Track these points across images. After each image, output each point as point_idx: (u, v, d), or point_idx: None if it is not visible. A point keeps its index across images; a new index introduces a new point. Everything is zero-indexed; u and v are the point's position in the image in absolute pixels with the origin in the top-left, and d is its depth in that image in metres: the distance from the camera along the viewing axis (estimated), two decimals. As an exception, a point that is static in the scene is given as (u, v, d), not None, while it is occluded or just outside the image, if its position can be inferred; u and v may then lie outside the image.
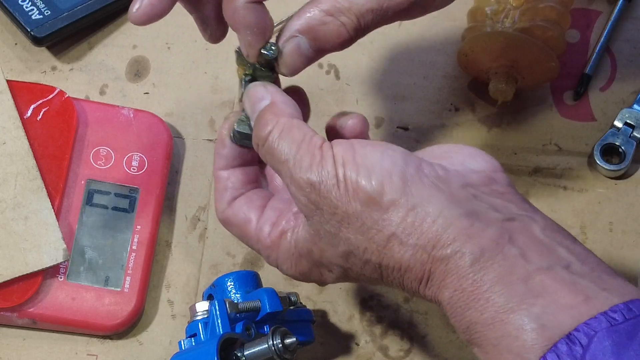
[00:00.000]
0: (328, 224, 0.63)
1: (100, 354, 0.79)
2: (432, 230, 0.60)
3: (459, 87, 0.89)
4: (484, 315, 0.59)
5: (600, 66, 0.90)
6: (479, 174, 0.65)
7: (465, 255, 0.59)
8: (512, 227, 0.61)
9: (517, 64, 0.84)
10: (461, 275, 0.59)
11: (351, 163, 0.62)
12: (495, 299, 0.58)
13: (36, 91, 0.83)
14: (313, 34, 0.67)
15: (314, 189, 0.63)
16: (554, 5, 0.84)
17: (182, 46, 0.90)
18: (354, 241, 0.63)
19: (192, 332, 0.74)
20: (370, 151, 0.63)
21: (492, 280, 0.59)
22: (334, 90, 0.89)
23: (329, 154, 0.63)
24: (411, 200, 0.61)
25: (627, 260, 0.83)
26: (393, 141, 0.86)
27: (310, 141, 0.64)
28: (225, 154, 0.70)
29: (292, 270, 0.68)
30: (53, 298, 0.78)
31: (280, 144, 0.65)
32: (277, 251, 0.68)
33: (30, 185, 0.79)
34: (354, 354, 0.80)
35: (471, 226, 0.60)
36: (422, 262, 0.61)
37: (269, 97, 0.67)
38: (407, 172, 0.62)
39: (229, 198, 0.70)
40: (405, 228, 0.61)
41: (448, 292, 0.60)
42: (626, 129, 0.86)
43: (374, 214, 0.62)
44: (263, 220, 0.68)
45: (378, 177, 0.62)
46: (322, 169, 0.63)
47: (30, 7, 0.87)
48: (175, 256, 0.83)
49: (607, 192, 0.86)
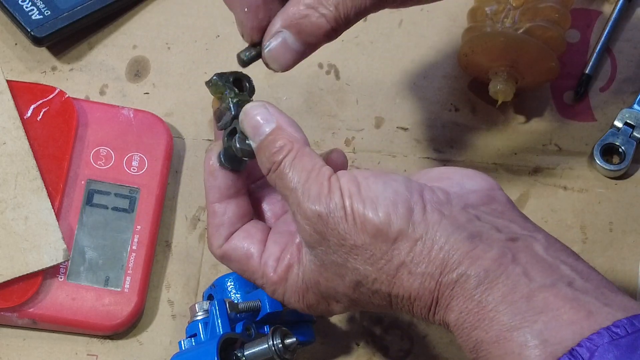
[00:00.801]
0: (335, 254, 0.63)
1: (100, 354, 0.79)
2: (439, 257, 0.61)
3: (459, 87, 0.89)
4: (489, 334, 0.59)
5: (600, 66, 0.90)
6: (477, 194, 0.65)
7: (471, 278, 0.60)
8: (515, 247, 0.61)
9: (517, 64, 0.84)
10: (467, 298, 0.60)
11: (357, 195, 0.63)
12: (500, 317, 0.59)
13: (36, 91, 0.83)
14: (296, 28, 0.67)
15: (321, 220, 0.63)
16: (554, 5, 0.84)
17: (182, 46, 0.90)
18: (363, 271, 0.63)
19: (192, 332, 0.74)
20: (373, 182, 0.63)
21: (496, 300, 0.60)
22: (334, 90, 0.89)
23: (337, 185, 0.63)
24: (418, 230, 0.62)
25: (627, 260, 0.83)
26: (393, 141, 0.87)
27: (319, 171, 0.64)
28: (218, 185, 0.69)
29: (299, 303, 0.68)
30: (53, 298, 0.78)
31: (291, 171, 0.64)
32: (284, 286, 0.67)
33: (30, 185, 0.79)
34: (354, 354, 0.80)
35: (475, 248, 0.61)
36: (430, 290, 0.62)
37: (273, 119, 0.66)
38: (412, 200, 0.63)
39: (226, 233, 0.69)
40: (414, 257, 0.62)
41: (454, 314, 0.61)
42: (626, 129, 0.86)
43: (382, 245, 0.62)
44: (267, 255, 0.68)
45: (384, 209, 0.62)
46: (330, 201, 0.63)
47: (30, 7, 0.87)
48: (175, 256, 0.83)
49: (607, 192, 0.86)
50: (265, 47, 0.68)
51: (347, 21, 0.68)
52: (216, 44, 0.90)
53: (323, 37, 0.68)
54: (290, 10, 0.67)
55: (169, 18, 0.91)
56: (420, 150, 0.87)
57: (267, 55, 0.68)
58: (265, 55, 0.68)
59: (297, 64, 0.69)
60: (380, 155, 0.86)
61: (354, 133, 0.87)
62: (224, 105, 0.69)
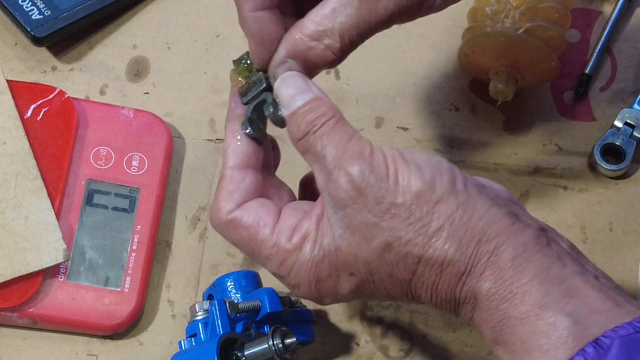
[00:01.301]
0: (370, 212, 0.63)
1: (100, 354, 0.79)
2: (478, 226, 0.62)
3: (459, 87, 0.89)
4: (519, 309, 0.60)
5: (600, 66, 0.90)
6: (504, 192, 0.67)
7: (509, 249, 0.61)
8: (547, 235, 0.63)
9: (517, 64, 0.84)
10: (502, 268, 0.61)
11: (401, 160, 0.64)
12: (533, 292, 0.60)
13: (36, 91, 0.83)
14: (301, 59, 0.68)
15: (362, 176, 0.63)
16: (554, 5, 0.84)
17: (182, 46, 0.90)
18: (397, 232, 0.63)
19: (192, 332, 0.74)
20: (417, 153, 0.65)
21: (531, 274, 0.61)
22: (334, 90, 0.89)
23: (379, 150, 0.64)
24: (460, 198, 0.63)
25: (627, 260, 0.83)
26: (393, 141, 0.87)
27: (360, 138, 0.65)
28: (240, 151, 0.69)
29: (308, 274, 0.66)
30: (53, 298, 0.78)
31: (333, 132, 0.65)
32: (296, 255, 0.66)
33: (31, 185, 0.79)
34: (354, 354, 0.80)
35: (513, 224, 0.62)
36: (467, 256, 0.62)
37: (311, 89, 0.67)
38: (455, 171, 0.64)
39: (240, 200, 0.68)
40: (453, 222, 0.62)
41: (487, 284, 0.61)
42: (626, 129, 0.86)
43: (423, 207, 0.63)
44: (282, 225, 0.67)
45: (429, 173, 0.63)
46: (373, 159, 0.64)
47: (30, 7, 0.87)
48: (175, 256, 0.83)
49: (607, 192, 0.86)
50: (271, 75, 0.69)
51: (353, 46, 0.69)
52: (216, 44, 0.90)
53: (329, 65, 0.69)
54: (294, 41, 0.68)
55: (169, 18, 0.91)
56: (420, 150, 0.87)
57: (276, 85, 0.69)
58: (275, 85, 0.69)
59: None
60: (380, 155, 0.86)
61: (354, 133, 0.87)
62: (254, 79, 0.70)
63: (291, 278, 0.67)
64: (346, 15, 0.67)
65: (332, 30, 0.67)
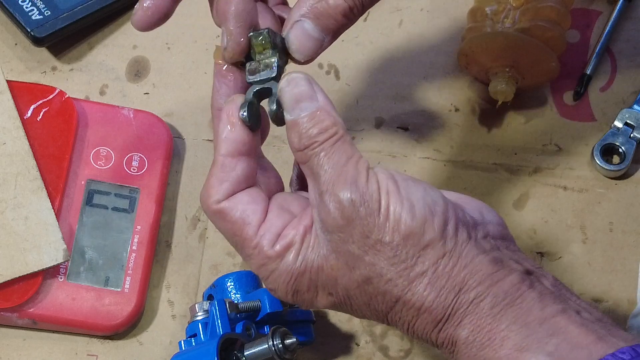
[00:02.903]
0: (354, 244, 0.62)
1: (100, 354, 0.79)
2: (461, 275, 0.61)
3: (459, 87, 0.89)
4: (499, 354, 0.60)
5: (600, 66, 0.90)
6: (495, 227, 0.65)
7: (488, 298, 0.61)
8: (530, 278, 0.62)
9: (517, 64, 0.84)
10: (480, 316, 0.61)
11: (395, 194, 0.62)
12: (512, 337, 0.60)
13: (36, 91, 0.83)
14: (314, 13, 0.66)
15: (353, 207, 0.62)
16: (554, 5, 0.84)
17: (182, 46, 0.90)
18: (379, 269, 0.62)
19: (192, 332, 0.74)
20: (413, 186, 0.63)
21: (509, 320, 0.60)
22: (334, 90, 0.89)
23: (374, 178, 0.63)
24: (448, 245, 0.62)
25: (627, 260, 0.83)
26: (393, 141, 0.87)
27: (359, 160, 0.63)
28: (235, 138, 0.66)
29: (286, 285, 0.65)
30: (53, 298, 0.78)
31: (331, 152, 0.63)
32: (277, 263, 0.64)
33: (31, 185, 0.79)
34: (354, 354, 0.80)
35: (496, 272, 0.62)
36: (445, 305, 0.61)
37: (317, 98, 0.65)
38: (448, 214, 0.63)
39: (229, 190, 0.65)
40: (437, 269, 0.61)
41: (465, 332, 0.61)
42: (626, 129, 0.86)
43: (410, 249, 0.62)
44: (266, 227, 0.65)
45: (421, 214, 0.62)
46: (367, 191, 0.62)
47: (30, 7, 0.87)
48: (175, 256, 0.83)
49: (607, 192, 0.86)
50: (285, 39, 0.67)
51: (365, 5, 0.67)
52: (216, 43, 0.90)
53: (342, 17, 0.66)
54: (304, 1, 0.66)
55: (169, 18, 0.91)
56: (420, 150, 0.87)
57: (290, 46, 0.67)
58: (288, 46, 0.67)
59: (319, 53, 0.67)
60: (380, 155, 0.86)
61: (354, 133, 0.87)
62: (266, 61, 0.67)
63: (269, 282, 0.65)
64: None
65: None
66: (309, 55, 0.67)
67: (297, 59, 0.67)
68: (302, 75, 0.65)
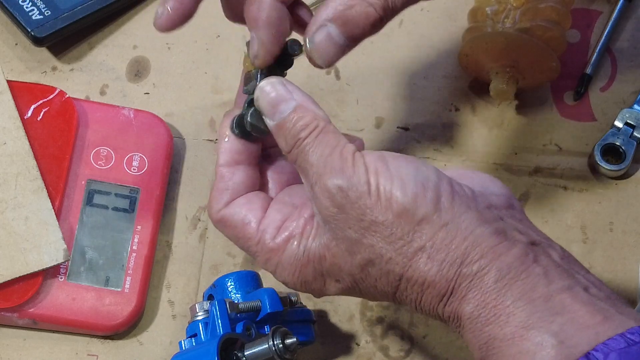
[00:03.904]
0: (351, 229, 0.62)
1: (100, 354, 0.79)
2: (462, 248, 0.61)
3: (459, 87, 0.89)
4: (504, 330, 0.59)
5: (600, 66, 0.90)
6: (499, 197, 0.65)
7: (492, 272, 0.60)
8: (536, 250, 0.62)
9: (517, 64, 0.84)
10: (485, 291, 0.60)
11: (384, 173, 0.62)
12: (517, 314, 0.59)
13: (36, 91, 0.83)
14: (342, 20, 0.66)
15: (342, 193, 0.62)
16: (554, 5, 0.84)
17: (182, 46, 0.90)
18: (378, 249, 0.62)
19: (192, 332, 0.74)
20: (404, 164, 0.63)
21: (515, 296, 0.59)
22: (334, 90, 0.89)
23: (361, 161, 0.63)
24: (444, 217, 0.61)
25: (627, 260, 0.83)
26: (393, 141, 0.87)
27: (344, 147, 0.63)
28: (229, 148, 0.68)
29: (292, 276, 0.66)
30: (53, 298, 0.78)
31: (315, 145, 0.64)
32: (280, 255, 0.66)
33: (31, 185, 0.79)
34: (354, 354, 0.80)
35: (499, 244, 0.61)
36: (448, 279, 0.61)
37: (293, 97, 0.65)
38: (441, 187, 0.62)
39: (228, 198, 0.68)
40: (435, 243, 0.61)
41: (470, 307, 0.60)
42: (626, 129, 0.86)
43: (405, 225, 0.61)
44: (266, 223, 0.67)
45: (413, 190, 0.61)
46: (354, 174, 0.62)
47: (31, 7, 0.87)
48: (176, 256, 0.83)
49: (607, 192, 0.86)
50: (309, 41, 0.67)
51: (394, 11, 0.67)
52: (216, 44, 0.90)
53: (370, 27, 0.66)
54: (335, 2, 0.66)
55: (169, 18, 0.91)
56: (420, 150, 0.87)
57: (312, 50, 0.67)
58: (310, 50, 0.67)
59: (339, 59, 0.68)
60: (380, 155, 0.86)
61: (354, 133, 0.87)
62: (253, 72, 0.68)
63: (277, 275, 0.67)
64: None
65: None
66: (330, 61, 0.68)
67: (317, 63, 0.68)
68: (274, 79, 0.66)
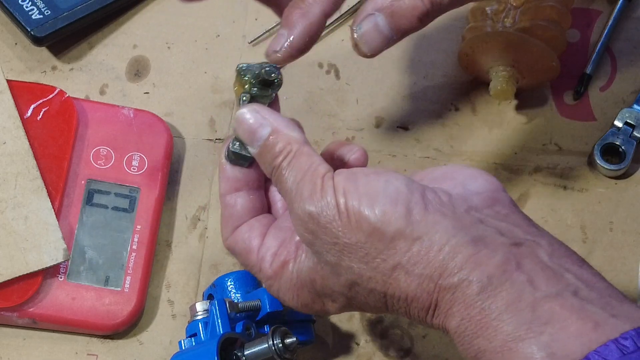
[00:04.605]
0: (329, 253, 0.62)
1: (100, 353, 0.79)
2: (439, 259, 0.60)
3: (459, 87, 0.89)
4: (493, 344, 0.58)
5: (600, 66, 0.90)
6: (481, 196, 0.63)
7: (473, 284, 0.59)
8: (519, 253, 0.60)
9: (517, 64, 0.84)
10: (468, 304, 0.59)
11: (353, 192, 0.61)
12: (504, 327, 0.58)
13: (36, 91, 0.83)
14: (389, 10, 0.66)
15: (312, 219, 0.62)
16: (554, 5, 0.84)
17: (182, 46, 0.90)
18: (357, 270, 0.62)
19: (192, 331, 0.74)
20: (374, 179, 0.62)
21: (500, 308, 0.58)
22: (334, 90, 0.89)
23: (330, 184, 0.62)
24: (417, 230, 0.60)
25: (627, 260, 0.83)
26: (393, 141, 0.87)
27: (314, 171, 0.63)
28: (228, 177, 0.69)
29: (294, 301, 0.67)
30: (53, 298, 0.78)
31: (287, 172, 0.64)
32: (279, 282, 0.66)
33: (31, 185, 0.79)
34: (354, 354, 0.80)
35: (478, 253, 0.59)
36: (429, 292, 0.60)
37: (267, 122, 0.66)
38: (412, 200, 0.61)
39: (233, 226, 0.68)
40: (410, 257, 0.60)
41: (455, 321, 0.60)
42: (626, 128, 0.86)
43: (378, 244, 0.61)
44: (264, 250, 0.67)
45: (382, 206, 0.61)
46: (322, 199, 0.62)
47: (30, 7, 0.87)
48: (175, 256, 0.83)
49: (607, 192, 0.86)
50: (356, 30, 0.67)
51: (441, 7, 0.67)
52: (216, 44, 0.90)
53: (416, 20, 0.67)
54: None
55: (169, 18, 0.91)
56: (420, 150, 0.87)
57: (359, 38, 0.68)
58: (357, 37, 0.68)
59: (385, 49, 0.68)
60: (380, 155, 0.86)
61: (354, 133, 0.87)
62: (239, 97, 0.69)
63: (281, 300, 0.68)
64: None
65: None
66: (375, 50, 0.68)
67: (363, 51, 0.68)
68: (247, 108, 0.66)
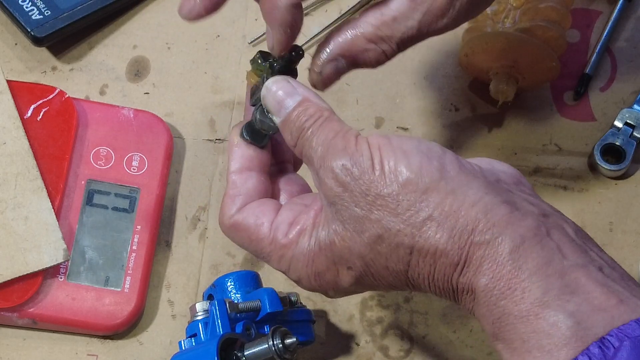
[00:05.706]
0: (357, 206, 0.62)
1: (100, 354, 0.79)
2: (471, 215, 0.60)
3: (459, 87, 0.89)
4: (519, 307, 0.58)
5: (600, 66, 0.90)
6: (507, 174, 0.65)
7: (505, 241, 0.59)
8: (548, 222, 0.61)
9: (517, 64, 0.84)
10: (499, 262, 0.59)
11: (388, 148, 0.63)
12: (533, 289, 0.58)
13: (36, 91, 0.83)
14: (353, 59, 0.69)
15: (345, 170, 0.63)
16: (554, 5, 0.84)
17: (182, 46, 0.90)
18: (386, 223, 0.62)
19: (192, 332, 0.74)
20: (407, 139, 0.63)
21: (530, 269, 0.58)
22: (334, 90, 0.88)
23: (364, 140, 0.64)
24: (450, 184, 0.61)
25: (627, 260, 0.83)
26: (393, 141, 0.87)
27: (347, 131, 0.65)
28: (240, 155, 0.69)
29: (306, 268, 0.66)
30: (53, 298, 0.78)
31: (319, 132, 0.65)
32: (292, 250, 0.66)
33: (31, 185, 0.79)
34: (354, 354, 0.80)
35: (510, 214, 0.60)
36: (460, 247, 0.60)
37: (298, 92, 0.67)
38: (446, 158, 0.62)
39: (240, 204, 0.68)
40: (443, 211, 0.61)
41: (485, 279, 0.59)
42: (626, 129, 0.86)
43: (411, 196, 0.61)
44: (279, 221, 0.67)
45: (417, 160, 0.62)
46: (356, 152, 0.63)
47: (31, 7, 0.87)
48: (175, 256, 0.83)
49: (607, 192, 0.86)
50: (317, 71, 0.70)
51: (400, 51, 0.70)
52: (216, 44, 0.90)
53: (375, 65, 0.70)
54: (351, 41, 0.69)
55: (169, 18, 0.91)
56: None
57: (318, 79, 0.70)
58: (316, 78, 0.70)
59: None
60: (380, 155, 0.86)
61: (354, 133, 0.87)
62: (260, 81, 0.69)
63: (291, 273, 0.67)
64: (407, 27, 0.68)
65: (391, 38, 0.68)
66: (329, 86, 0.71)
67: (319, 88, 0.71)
68: (279, 78, 0.68)
